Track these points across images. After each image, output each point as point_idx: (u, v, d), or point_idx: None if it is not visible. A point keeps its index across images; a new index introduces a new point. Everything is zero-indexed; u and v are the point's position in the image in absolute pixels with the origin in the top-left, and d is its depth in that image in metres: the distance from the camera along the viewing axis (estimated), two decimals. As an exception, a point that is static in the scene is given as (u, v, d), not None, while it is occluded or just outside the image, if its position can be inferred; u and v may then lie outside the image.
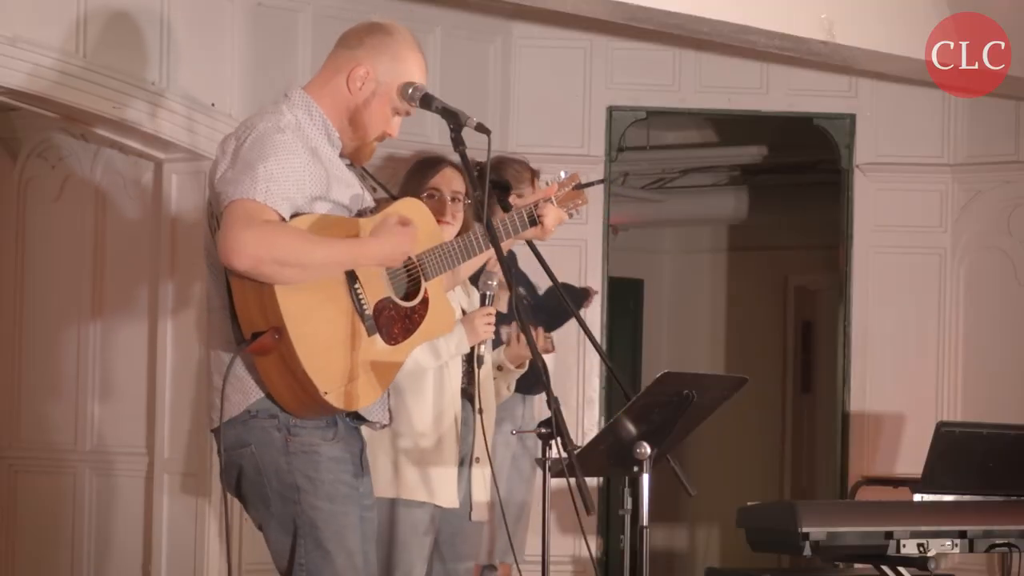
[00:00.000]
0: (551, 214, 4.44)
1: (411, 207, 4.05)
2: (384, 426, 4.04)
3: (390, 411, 4.04)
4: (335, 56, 4.06)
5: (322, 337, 3.74)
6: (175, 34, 6.38)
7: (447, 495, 5.02)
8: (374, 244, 3.81)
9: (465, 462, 5.11)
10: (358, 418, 3.92)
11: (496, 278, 5.16)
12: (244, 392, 3.81)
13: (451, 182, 5.15)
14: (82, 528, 6.92)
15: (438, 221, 5.10)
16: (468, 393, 5.12)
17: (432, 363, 5.01)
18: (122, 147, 6.67)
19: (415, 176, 5.19)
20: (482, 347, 5.14)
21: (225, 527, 3.86)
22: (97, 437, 6.89)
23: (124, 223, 6.89)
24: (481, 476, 5.10)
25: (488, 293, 5.11)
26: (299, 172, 3.77)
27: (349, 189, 3.92)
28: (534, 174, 5.97)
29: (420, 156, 5.33)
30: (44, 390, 7.02)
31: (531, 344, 4.28)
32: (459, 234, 5.06)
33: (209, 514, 6.57)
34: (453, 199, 5.13)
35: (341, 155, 4.00)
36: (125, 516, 6.78)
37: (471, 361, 5.11)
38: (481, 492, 5.13)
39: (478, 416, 5.10)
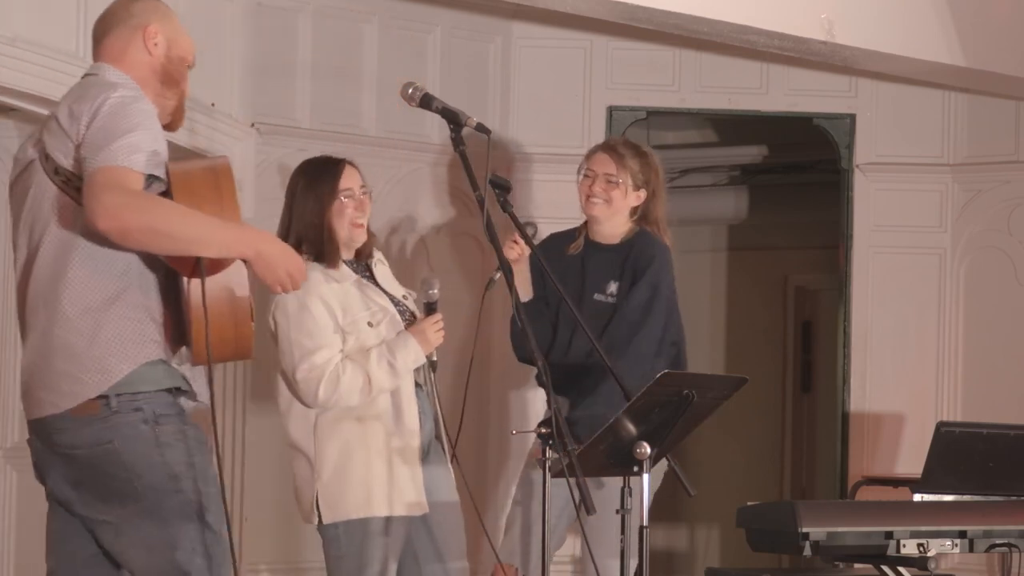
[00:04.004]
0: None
1: (223, 168, 3.85)
2: (205, 404, 3.96)
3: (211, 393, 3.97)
4: (116, 35, 3.95)
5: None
6: (175, 34, 6.37)
7: (416, 502, 5.03)
8: (259, 238, 3.73)
9: (429, 455, 5.11)
10: (186, 394, 3.88)
11: (437, 284, 5.16)
12: (126, 356, 3.72)
13: (356, 178, 5.14)
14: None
15: (355, 225, 5.09)
16: (417, 383, 5.14)
17: (392, 383, 5.01)
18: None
19: (320, 182, 5.08)
20: (435, 353, 5.15)
21: (227, 525, 3.83)
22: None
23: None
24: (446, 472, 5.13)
25: (432, 302, 5.12)
26: (160, 140, 3.75)
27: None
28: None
29: (308, 161, 5.22)
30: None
31: (534, 346, 4.29)
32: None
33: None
34: (364, 194, 5.14)
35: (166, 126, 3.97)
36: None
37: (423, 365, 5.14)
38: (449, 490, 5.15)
39: (436, 402, 5.12)
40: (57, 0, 5.89)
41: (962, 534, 5.41)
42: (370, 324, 5.04)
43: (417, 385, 5.13)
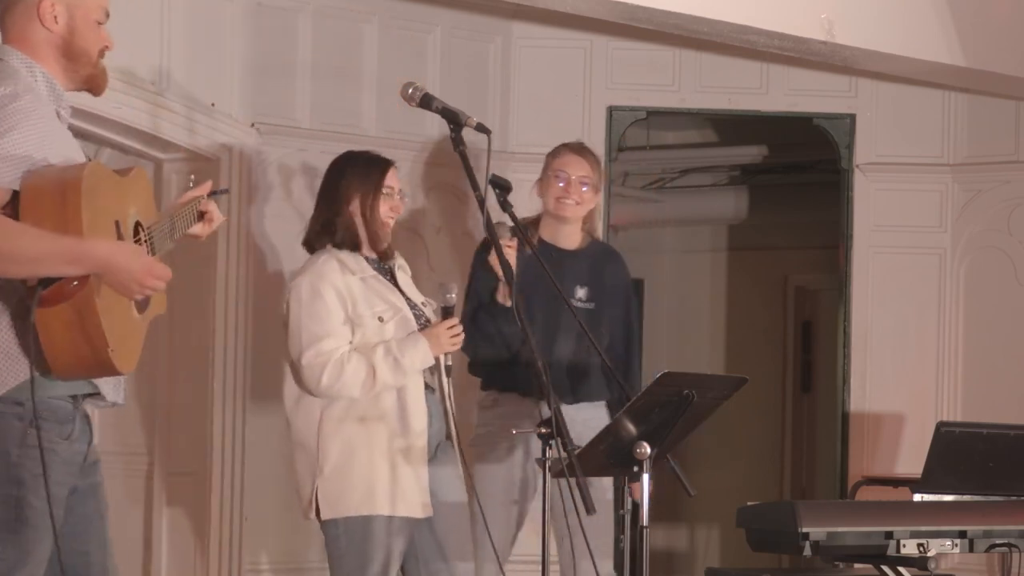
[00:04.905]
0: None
1: (72, 181, 3.65)
2: (116, 405, 3.90)
3: (124, 390, 3.90)
4: (14, 15, 3.79)
5: (104, 294, 3.61)
6: (175, 34, 6.38)
7: (420, 503, 5.03)
8: (102, 251, 3.58)
9: (436, 455, 5.12)
10: (95, 396, 3.80)
11: (455, 289, 5.18)
12: (11, 371, 3.63)
13: (397, 179, 5.18)
14: None
15: (386, 223, 5.12)
16: (428, 385, 5.14)
17: (396, 381, 5.02)
18: (122, 147, 6.67)
19: (370, 173, 5.14)
20: (449, 357, 5.16)
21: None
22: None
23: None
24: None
25: (449, 306, 5.13)
26: (34, 144, 3.60)
27: (70, 149, 3.77)
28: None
29: (351, 154, 5.26)
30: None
31: (534, 346, 4.29)
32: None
33: (209, 514, 6.58)
34: (401, 197, 5.17)
35: (82, 91, 3.86)
36: (125, 516, 6.78)
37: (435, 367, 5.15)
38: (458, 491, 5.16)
39: (448, 403, 5.12)
40: (57, 0, 5.88)
41: (962, 534, 5.41)
42: (380, 319, 5.05)
43: (428, 388, 5.14)
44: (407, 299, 5.17)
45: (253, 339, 6.65)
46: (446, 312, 5.13)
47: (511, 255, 5.36)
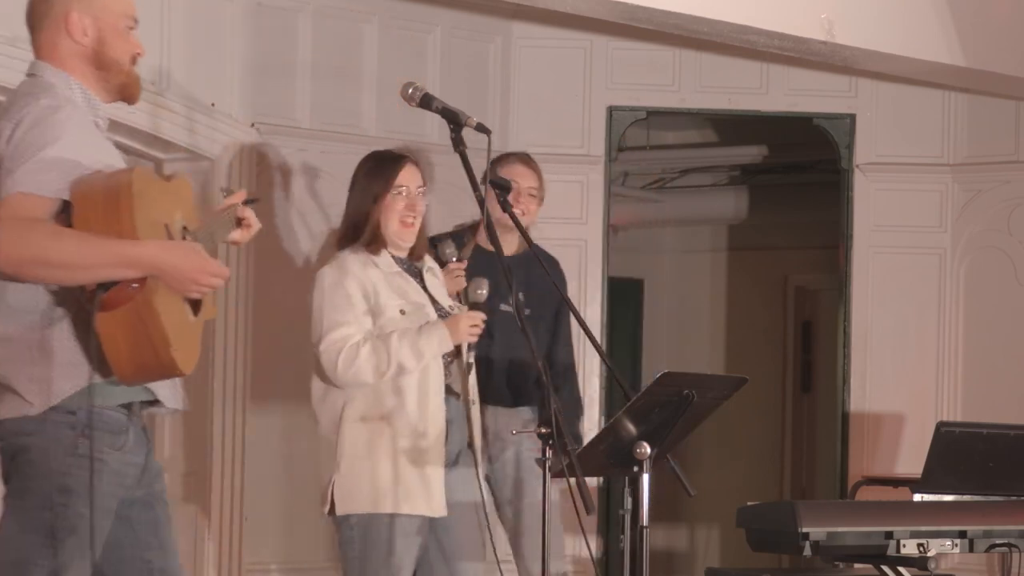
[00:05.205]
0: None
1: (124, 185, 3.66)
2: (177, 411, 3.90)
3: (184, 397, 3.91)
4: (43, 31, 3.85)
5: (162, 295, 3.62)
6: (175, 34, 6.38)
7: (435, 504, 5.03)
8: (156, 252, 3.59)
9: (457, 461, 5.13)
10: (154, 405, 3.81)
11: (486, 286, 5.18)
12: (68, 379, 3.65)
13: (415, 178, 5.16)
14: None
15: (404, 224, 5.11)
16: (451, 390, 5.14)
17: (415, 365, 5.02)
18: (122, 147, 6.66)
19: (377, 175, 5.15)
20: (471, 354, 5.16)
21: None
22: None
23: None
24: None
25: (479, 303, 5.14)
26: (82, 151, 3.63)
27: (112, 157, 3.79)
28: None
29: (374, 153, 5.28)
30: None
31: (531, 349, 4.29)
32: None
33: (209, 514, 6.58)
34: (420, 194, 5.16)
35: (114, 100, 3.88)
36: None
37: (456, 354, 5.14)
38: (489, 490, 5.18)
39: (472, 407, 5.13)
40: (57, 0, 5.88)
41: (962, 534, 5.42)
42: (402, 312, 5.06)
43: (453, 393, 5.14)
44: (432, 299, 5.17)
45: (253, 339, 6.65)
46: (473, 307, 5.14)
47: (460, 279, 5.41)
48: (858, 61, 7.20)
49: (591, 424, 7.45)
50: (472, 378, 5.19)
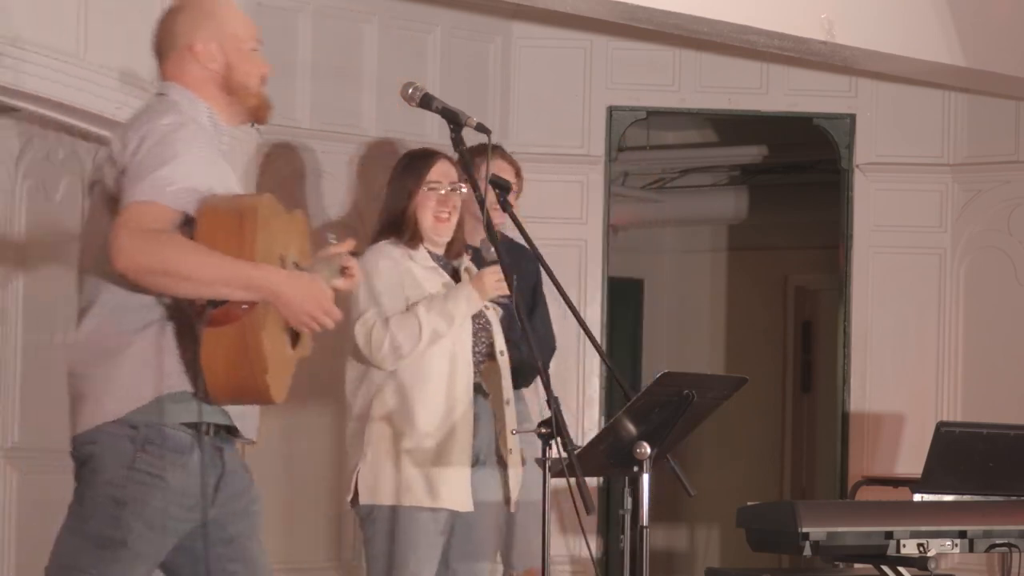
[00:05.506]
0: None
1: (249, 208, 3.73)
2: (251, 442, 3.96)
3: (258, 429, 3.97)
4: (170, 59, 3.92)
5: (268, 322, 3.67)
6: (175, 34, 6.37)
7: (460, 498, 5.03)
8: (276, 279, 3.64)
9: (482, 460, 5.13)
10: (231, 432, 3.86)
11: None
12: (137, 391, 3.70)
13: (448, 174, 5.17)
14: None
15: (438, 219, 5.13)
16: (481, 388, 5.15)
17: (446, 328, 5.02)
18: (122, 147, 6.66)
19: (410, 172, 5.19)
20: (501, 346, 5.16)
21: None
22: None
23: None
24: (514, 473, 5.13)
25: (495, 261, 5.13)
26: (204, 168, 3.69)
27: (231, 181, 3.86)
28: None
29: (409, 151, 5.31)
30: (41, 388, 7.02)
31: (531, 347, 4.28)
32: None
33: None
34: (452, 190, 5.17)
35: (243, 122, 3.97)
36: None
37: (489, 354, 5.15)
38: (514, 488, 5.16)
39: (505, 408, 5.13)
40: (57, 0, 5.89)
41: (962, 534, 5.41)
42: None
43: (482, 391, 5.14)
44: None
45: (253, 339, 6.64)
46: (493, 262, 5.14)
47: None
48: (858, 61, 7.20)
49: (591, 424, 7.45)
50: (506, 377, 5.19)
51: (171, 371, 3.70)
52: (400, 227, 5.14)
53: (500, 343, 5.20)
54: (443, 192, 5.13)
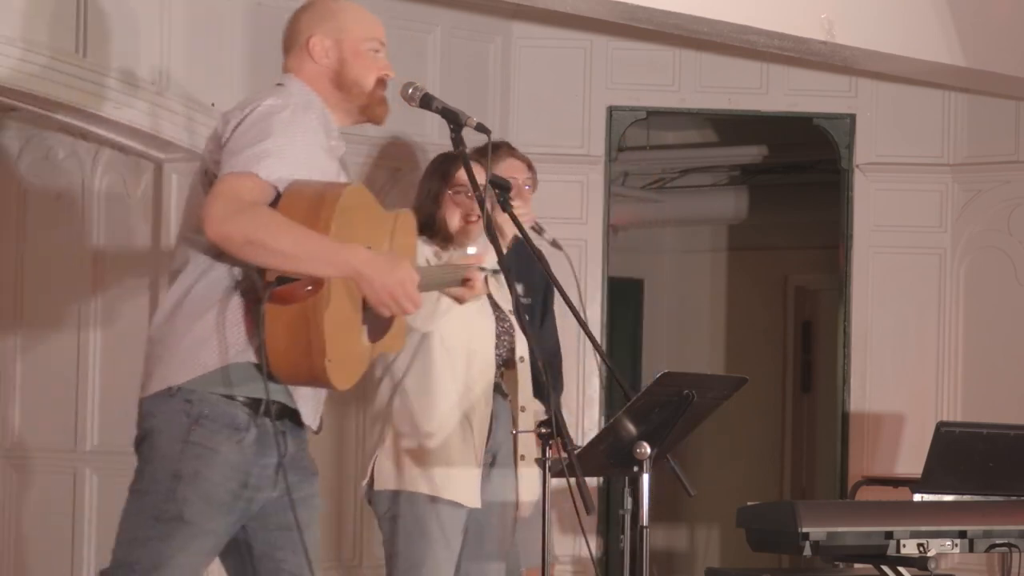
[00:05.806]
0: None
1: (331, 195, 3.79)
2: (315, 432, 3.96)
3: (321, 419, 3.97)
4: (292, 54, 4.06)
5: (336, 306, 3.69)
6: (175, 34, 6.37)
7: (468, 494, 5.04)
8: (361, 258, 3.69)
9: (499, 460, 5.13)
10: (295, 422, 3.87)
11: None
12: (198, 359, 3.74)
13: (477, 177, 5.18)
14: (82, 528, 6.91)
15: (467, 221, 5.15)
16: (500, 388, 5.16)
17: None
18: (122, 147, 6.67)
19: (436, 173, 5.22)
20: (522, 352, 5.17)
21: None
22: (98, 438, 6.89)
23: (125, 222, 6.89)
24: (528, 474, 5.13)
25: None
26: (302, 151, 3.74)
27: (330, 173, 3.89)
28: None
29: (441, 154, 5.33)
30: (43, 389, 7.02)
31: (531, 346, 4.29)
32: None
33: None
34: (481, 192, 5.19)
35: (358, 122, 4.03)
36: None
37: (509, 359, 5.15)
38: (528, 491, 5.16)
39: (520, 413, 5.13)
40: (57, 0, 5.89)
41: (962, 534, 5.42)
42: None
43: (501, 392, 5.15)
44: (492, 301, 5.19)
45: (253, 339, 6.64)
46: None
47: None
48: (858, 61, 7.20)
49: (591, 424, 7.45)
50: (526, 383, 5.19)
51: (237, 342, 3.73)
52: (431, 228, 5.16)
53: (521, 349, 5.21)
54: (470, 195, 5.15)
